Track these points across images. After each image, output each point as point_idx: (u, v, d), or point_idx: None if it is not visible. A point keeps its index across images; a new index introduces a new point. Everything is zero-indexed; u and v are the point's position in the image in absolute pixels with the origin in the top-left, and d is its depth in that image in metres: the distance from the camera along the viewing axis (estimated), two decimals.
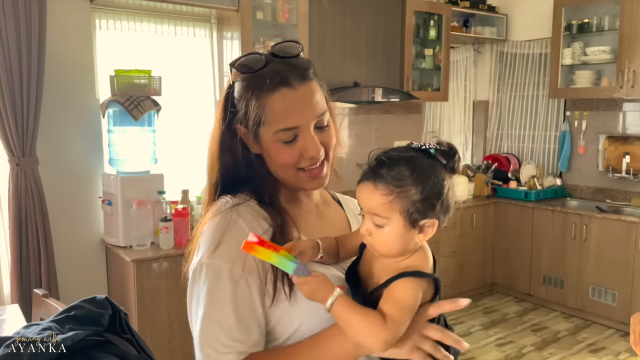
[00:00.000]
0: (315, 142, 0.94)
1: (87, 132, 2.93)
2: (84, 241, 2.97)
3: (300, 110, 0.93)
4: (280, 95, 0.92)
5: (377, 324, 0.80)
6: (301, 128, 0.93)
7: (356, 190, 0.87)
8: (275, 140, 0.94)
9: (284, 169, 0.97)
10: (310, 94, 0.95)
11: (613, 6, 3.87)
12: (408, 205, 0.83)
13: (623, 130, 4.11)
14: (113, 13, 3.00)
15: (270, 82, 0.91)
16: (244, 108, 0.95)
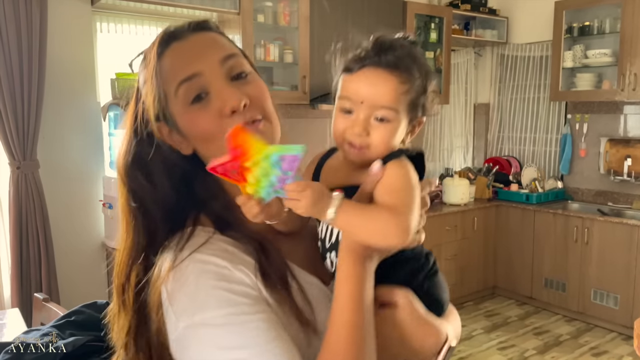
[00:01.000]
0: (231, 89, 0.73)
1: (88, 136, 2.93)
2: (84, 245, 2.96)
3: (196, 55, 0.75)
4: (171, 51, 0.76)
5: (389, 216, 0.68)
6: (206, 75, 0.74)
7: (350, 79, 0.73)
8: (184, 105, 0.74)
9: (213, 145, 0.74)
10: (207, 39, 0.78)
11: (614, 9, 3.87)
12: (416, 98, 0.74)
13: (624, 133, 4.10)
14: (114, 16, 3.00)
15: (159, 45, 0.76)
16: (146, 95, 0.75)
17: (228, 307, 0.66)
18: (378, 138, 0.73)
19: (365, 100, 0.72)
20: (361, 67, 0.73)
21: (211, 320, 0.66)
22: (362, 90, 0.72)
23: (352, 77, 0.74)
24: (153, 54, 0.76)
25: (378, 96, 0.72)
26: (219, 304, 0.66)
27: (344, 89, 0.74)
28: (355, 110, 0.73)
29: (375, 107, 0.72)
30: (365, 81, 0.72)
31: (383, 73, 0.72)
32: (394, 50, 0.73)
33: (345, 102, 0.74)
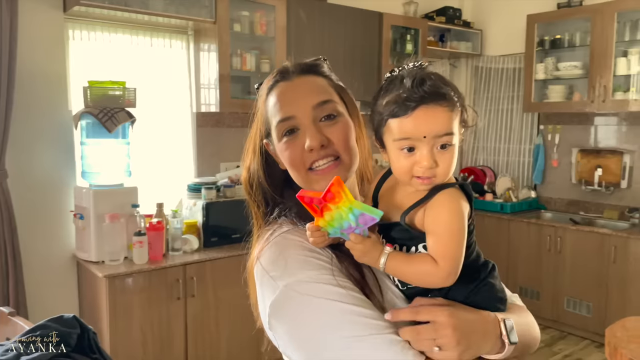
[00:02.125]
0: (314, 132, 0.88)
1: (59, 144, 2.87)
2: (54, 256, 2.88)
3: (294, 99, 0.90)
4: (277, 90, 0.92)
5: (429, 267, 0.80)
6: (298, 119, 0.89)
7: (406, 122, 0.79)
8: (279, 137, 0.91)
9: (295, 172, 0.91)
10: (307, 84, 0.92)
11: (584, 23, 3.97)
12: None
13: (595, 143, 4.20)
14: (87, 24, 2.95)
15: (272, 81, 0.94)
16: (259, 117, 0.96)
17: (319, 269, 0.82)
18: (445, 165, 0.81)
19: (428, 135, 0.79)
20: (414, 108, 0.78)
21: (307, 279, 0.81)
22: (422, 128, 0.79)
23: (408, 120, 0.79)
24: (266, 87, 0.94)
25: (438, 128, 0.79)
26: (311, 267, 0.83)
27: (401, 131, 0.80)
28: (418, 146, 0.80)
29: (436, 137, 0.79)
30: (422, 119, 0.78)
31: (434, 107, 0.78)
32: (430, 84, 0.79)
33: (405, 142, 0.80)
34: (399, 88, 0.80)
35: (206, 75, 3.25)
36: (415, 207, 0.83)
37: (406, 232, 0.84)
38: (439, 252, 0.80)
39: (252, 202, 0.99)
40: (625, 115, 3.99)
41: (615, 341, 1.95)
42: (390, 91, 0.82)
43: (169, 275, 2.72)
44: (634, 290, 3.51)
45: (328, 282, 0.81)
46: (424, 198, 0.82)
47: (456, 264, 0.80)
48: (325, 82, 0.95)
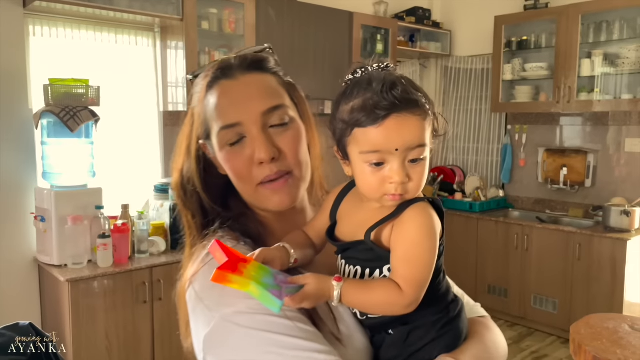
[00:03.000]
0: (263, 141, 0.78)
1: (18, 144, 2.77)
2: (14, 260, 2.78)
3: (240, 103, 0.79)
4: (218, 89, 0.81)
5: (392, 295, 0.70)
6: (245, 126, 0.79)
7: (376, 132, 0.69)
8: (222, 145, 0.81)
9: (242, 184, 0.82)
10: (254, 85, 0.81)
11: (550, 25, 4.04)
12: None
13: (560, 143, 4.28)
14: (48, 19, 2.85)
15: (211, 76, 0.82)
16: (196, 116, 0.84)
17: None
18: (417, 179, 0.73)
19: (400, 147, 0.70)
20: (384, 117, 0.69)
21: (247, 309, 0.69)
22: (393, 139, 0.69)
23: (378, 130, 0.69)
24: (204, 84, 0.82)
25: (411, 139, 0.70)
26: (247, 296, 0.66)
27: (370, 143, 0.70)
28: (388, 160, 0.71)
29: (409, 150, 0.71)
30: (394, 130, 0.69)
31: (407, 116, 0.69)
32: (402, 89, 0.70)
33: (373, 155, 0.71)
34: (366, 93, 0.70)
35: (173, 74, 3.19)
36: (382, 224, 0.74)
37: (370, 252, 0.74)
38: (405, 276, 0.71)
39: (185, 210, 0.86)
40: (590, 116, 4.08)
41: (580, 338, 1.98)
42: (355, 96, 0.72)
43: (134, 278, 2.65)
44: (597, 287, 3.59)
45: (271, 312, 0.67)
46: (392, 214, 0.74)
47: (422, 290, 0.72)
48: (274, 80, 0.84)
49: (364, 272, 0.76)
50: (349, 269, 0.77)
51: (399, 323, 0.76)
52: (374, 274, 0.75)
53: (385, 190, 0.72)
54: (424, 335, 0.77)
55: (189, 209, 0.86)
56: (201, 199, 0.86)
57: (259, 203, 0.84)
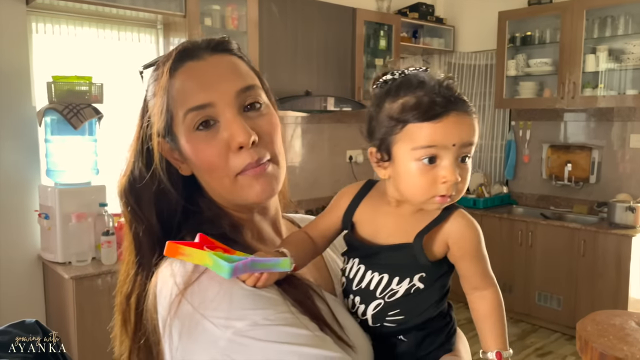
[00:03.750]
0: (241, 123, 0.70)
1: (22, 142, 2.76)
2: (18, 258, 2.78)
3: (211, 82, 0.71)
4: (185, 70, 0.72)
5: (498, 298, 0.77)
6: (217, 107, 0.71)
7: (435, 127, 0.69)
8: (189, 131, 0.71)
9: (215, 177, 0.73)
10: (225, 64, 0.74)
11: (554, 20, 4.02)
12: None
13: (565, 139, 4.27)
14: (51, 17, 2.85)
15: (173, 60, 0.73)
16: (152, 109, 0.74)
17: (275, 306, 0.64)
18: (465, 180, 0.72)
19: (457, 143, 0.70)
20: (446, 113, 0.69)
21: (263, 320, 0.62)
22: (453, 134, 0.69)
23: (438, 125, 0.69)
24: (166, 68, 0.72)
25: (467, 136, 0.71)
26: (265, 304, 0.63)
27: (428, 138, 0.69)
28: (442, 156, 0.70)
29: (463, 146, 0.71)
30: (453, 125, 0.69)
31: (464, 115, 0.71)
32: (456, 90, 0.72)
33: (429, 150, 0.69)
34: (418, 91, 0.70)
35: None
36: (433, 228, 0.73)
37: (411, 258, 0.73)
38: (486, 274, 0.77)
39: (140, 219, 0.74)
40: (594, 112, 4.06)
41: (586, 335, 1.98)
42: (404, 94, 0.71)
43: None
44: (602, 284, 3.58)
45: (288, 322, 0.63)
46: (439, 217, 0.73)
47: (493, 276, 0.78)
48: (242, 63, 0.77)
49: (392, 280, 0.74)
50: (371, 276, 0.75)
51: (416, 329, 0.76)
52: (402, 283, 0.74)
53: (435, 191, 0.71)
54: (435, 340, 0.78)
55: (140, 219, 0.74)
56: (159, 203, 0.75)
57: (237, 196, 0.74)
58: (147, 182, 0.74)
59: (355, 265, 0.77)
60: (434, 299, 0.76)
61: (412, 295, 0.74)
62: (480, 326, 0.76)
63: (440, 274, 0.76)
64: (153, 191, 0.75)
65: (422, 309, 0.75)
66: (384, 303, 0.75)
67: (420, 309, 0.75)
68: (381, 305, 0.75)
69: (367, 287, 0.75)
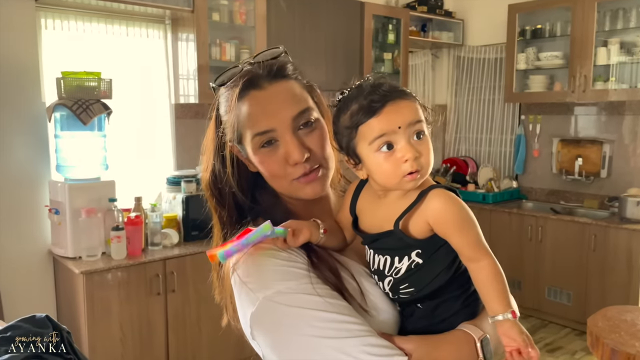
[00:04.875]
0: (296, 145, 0.87)
1: (32, 138, 2.78)
2: (29, 253, 2.80)
3: (272, 111, 0.88)
4: (249, 99, 0.88)
5: (494, 267, 0.81)
6: (278, 131, 0.88)
7: (378, 119, 0.79)
8: (256, 149, 0.89)
9: (277, 181, 0.92)
10: (282, 93, 0.89)
11: (565, 12, 3.98)
12: (424, 115, 0.84)
13: (575, 133, 4.23)
14: (60, 12, 2.86)
15: (240, 87, 0.88)
16: (227, 123, 0.91)
17: (298, 279, 0.81)
18: (426, 153, 0.81)
19: (402, 124, 0.79)
20: (382, 106, 0.79)
21: (286, 289, 0.80)
22: (394, 119, 0.79)
23: (379, 117, 0.79)
24: (235, 96, 0.88)
25: (409, 116, 0.80)
26: (290, 277, 0.81)
27: (375, 130, 0.79)
28: (395, 140, 0.79)
29: (410, 125, 0.79)
30: (392, 112, 0.79)
31: (400, 101, 0.80)
32: (388, 85, 0.82)
33: (381, 139, 0.79)
34: (358, 98, 0.81)
35: (185, 66, 3.18)
36: (409, 212, 0.82)
37: (399, 241, 0.83)
38: (477, 244, 0.81)
39: (219, 206, 0.96)
40: (605, 105, 4.02)
41: (597, 331, 1.96)
42: (349, 105, 0.82)
43: (148, 270, 2.67)
44: (613, 279, 3.55)
45: (307, 291, 0.80)
46: (415, 201, 0.82)
47: (485, 245, 0.82)
48: (297, 85, 0.92)
49: (394, 260, 0.86)
50: (379, 258, 0.88)
51: (428, 298, 0.85)
52: (402, 261, 0.85)
53: (402, 171, 0.79)
54: (449, 307, 0.86)
55: (223, 207, 0.95)
56: (235, 196, 0.94)
57: (293, 194, 0.92)
58: (226, 177, 0.93)
59: (367, 250, 0.90)
60: (440, 267, 0.84)
61: (413, 270, 0.84)
62: (484, 293, 0.82)
63: (438, 245, 0.83)
64: (229, 185, 0.93)
65: (429, 279, 0.84)
66: (393, 279, 0.86)
67: (428, 279, 0.84)
68: (392, 281, 0.86)
69: (378, 267, 0.88)
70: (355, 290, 0.86)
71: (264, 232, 0.81)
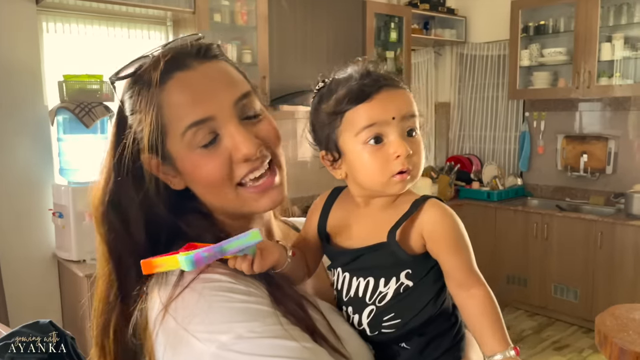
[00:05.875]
0: (246, 134, 0.69)
1: (35, 141, 2.78)
2: (33, 256, 2.80)
3: (207, 94, 0.68)
4: (176, 82, 0.68)
5: (487, 296, 0.70)
6: (218, 119, 0.68)
7: (370, 105, 0.68)
8: (190, 148, 0.68)
9: (217, 191, 0.70)
10: (217, 73, 0.71)
11: (568, 8, 3.95)
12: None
13: (580, 130, 4.20)
14: (61, 15, 2.85)
15: (161, 69, 0.68)
16: (139, 125, 0.69)
17: (263, 318, 0.61)
18: (419, 153, 0.70)
19: (397, 115, 0.68)
20: (376, 91, 0.69)
21: (248, 333, 0.60)
22: (389, 108, 0.68)
23: (371, 103, 0.68)
24: (154, 81, 0.68)
25: (405, 107, 0.69)
26: (252, 316, 0.61)
27: (366, 117, 0.68)
28: (386, 132, 0.69)
29: (405, 119, 0.69)
30: (387, 100, 0.69)
31: (396, 89, 0.70)
32: (382, 72, 0.72)
33: (371, 130, 0.68)
34: (347, 83, 0.70)
35: None
36: (403, 222, 0.70)
37: (390, 256, 0.70)
38: (470, 269, 0.71)
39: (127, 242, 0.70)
40: (610, 101, 3.99)
41: (605, 329, 1.94)
42: (335, 91, 0.71)
43: None
44: (620, 276, 3.53)
45: (277, 334, 0.60)
46: (410, 210, 0.70)
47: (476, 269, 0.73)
48: (232, 68, 0.74)
49: (378, 283, 0.72)
50: (357, 282, 0.73)
51: (416, 335, 0.73)
52: (389, 283, 0.71)
53: (391, 169, 0.69)
54: (439, 345, 0.74)
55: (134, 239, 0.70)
56: (149, 222, 0.71)
57: (240, 208, 0.73)
58: (134, 202, 0.70)
59: (340, 274, 0.75)
60: (430, 295, 0.72)
61: (403, 294, 0.71)
62: (477, 327, 0.70)
63: (428, 267, 0.72)
64: (141, 211, 0.70)
65: (418, 308, 0.71)
66: (375, 308, 0.72)
67: (417, 309, 0.71)
68: (374, 311, 0.72)
69: (355, 294, 0.73)
70: (328, 332, 0.68)
71: (252, 240, 0.63)
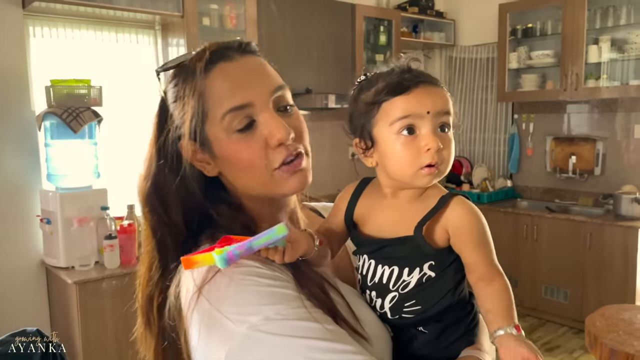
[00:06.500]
0: (280, 121, 0.74)
1: (22, 147, 2.75)
2: (21, 263, 2.77)
3: (249, 81, 0.75)
4: (219, 71, 0.75)
5: (506, 287, 0.74)
6: (256, 106, 0.74)
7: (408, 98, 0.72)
8: (228, 132, 0.74)
9: (252, 174, 0.75)
10: (256, 65, 0.78)
11: (555, 11, 3.98)
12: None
13: (568, 131, 4.23)
14: (48, 20, 2.83)
15: (206, 59, 0.75)
16: (181, 111, 0.75)
17: (288, 301, 0.66)
18: (449, 149, 0.74)
19: (431, 110, 0.72)
20: (415, 85, 0.72)
21: (275, 315, 0.64)
22: (425, 102, 0.72)
23: (409, 96, 0.72)
24: (199, 69, 0.74)
25: (441, 103, 0.73)
26: (278, 299, 0.66)
27: (402, 109, 0.72)
28: (419, 125, 0.72)
29: (439, 114, 0.73)
30: (424, 95, 0.72)
31: (434, 87, 0.74)
32: (420, 70, 0.76)
33: (405, 121, 0.72)
34: (388, 76, 0.74)
35: None
36: (430, 218, 0.73)
37: (415, 249, 0.74)
38: (492, 263, 0.74)
39: (167, 224, 0.76)
40: (597, 103, 4.03)
41: (595, 330, 1.95)
42: (375, 83, 0.75)
43: None
44: (609, 276, 3.55)
45: (301, 316, 0.65)
46: (437, 206, 0.74)
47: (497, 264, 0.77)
48: (269, 65, 0.82)
49: (402, 272, 0.76)
50: (382, 270, 0.77)
51: (434, 321, 0.77)
52: (412, 273, 0.75)
53: (420, 162, 0.72)
54: (454, 331, 0.78)
55: (173, 221, 0.76)
56: (187, 206, 0.77)
57: (272, 189, 0.77)
58: (174, 186, 0.76)
59: (366, 261, 0.79)
60: (449, 285, 0.76)
61: (425, 284, 0.75)
62: (489, 309, 0.73)
63: (450, 260, 0.76)
64: (180, 195, 0.77)
65: (438, 297, 0.75)
66: (398, 295, 0.76)
67: (437, 297, 0.75)
68: (396, 297, 0.76)
69: (380, 281, 0.77)
70: (348, 314, 0.72)
71: (278, 234, 0.66)
